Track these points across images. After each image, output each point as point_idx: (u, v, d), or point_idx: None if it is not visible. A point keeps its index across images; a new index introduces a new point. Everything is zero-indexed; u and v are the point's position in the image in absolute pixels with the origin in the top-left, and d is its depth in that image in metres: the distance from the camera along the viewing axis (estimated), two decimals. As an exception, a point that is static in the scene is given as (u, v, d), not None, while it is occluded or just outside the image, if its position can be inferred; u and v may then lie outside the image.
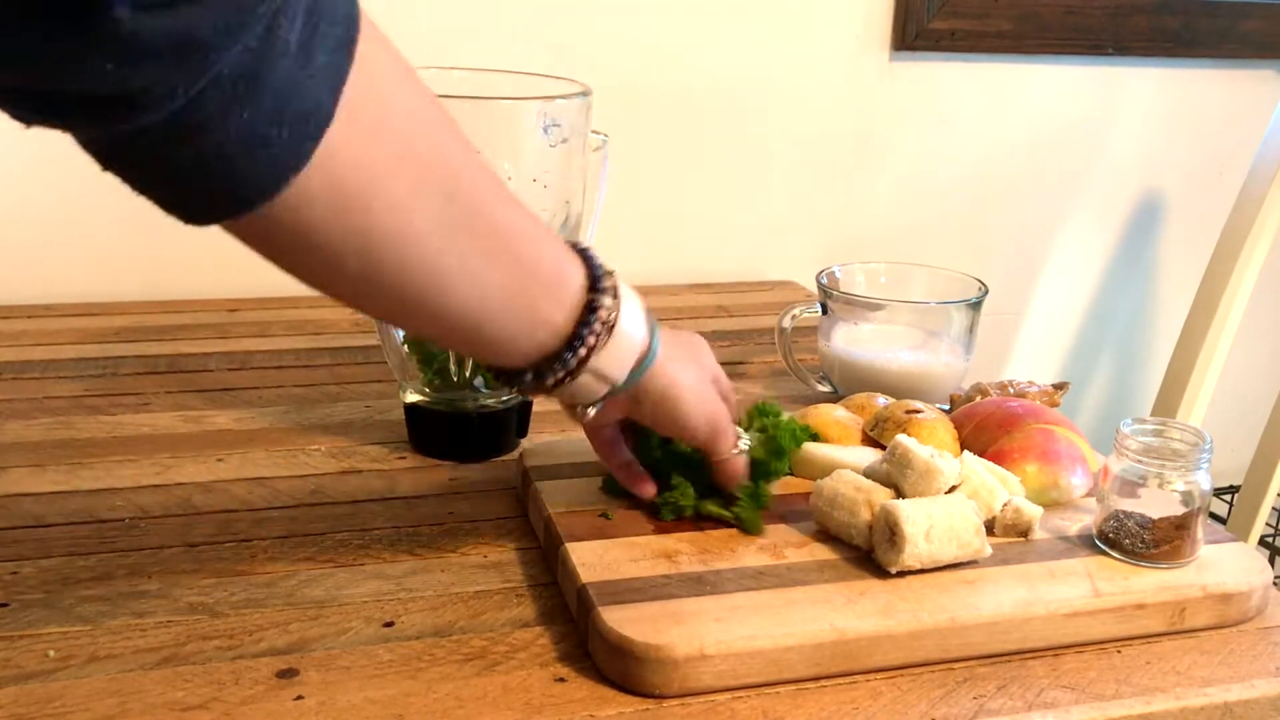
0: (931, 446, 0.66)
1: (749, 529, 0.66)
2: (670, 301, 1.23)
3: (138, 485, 0.75)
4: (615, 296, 0.57)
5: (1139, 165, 1.49)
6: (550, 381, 0.58)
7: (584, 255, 0.58)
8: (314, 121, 0.43)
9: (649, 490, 0.68)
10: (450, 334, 0.56)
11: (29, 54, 0.36)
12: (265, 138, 0.42)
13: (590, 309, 0.56)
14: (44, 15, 0.35)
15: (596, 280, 0.57)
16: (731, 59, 1.29)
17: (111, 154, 0.42)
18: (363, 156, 0.45)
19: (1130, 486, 0.64)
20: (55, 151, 1.24)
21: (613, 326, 0.57)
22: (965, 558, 0.62)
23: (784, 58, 1.31)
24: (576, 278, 0.57)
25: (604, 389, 0.60)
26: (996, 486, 0.66)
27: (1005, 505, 0.66)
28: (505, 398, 0.81)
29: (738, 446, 0.67)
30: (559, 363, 0.57)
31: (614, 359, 0.58)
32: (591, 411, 0.62)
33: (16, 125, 0.40)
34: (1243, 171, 1.26)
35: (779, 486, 0.70)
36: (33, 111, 0.39)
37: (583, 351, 0.56)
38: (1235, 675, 0.59)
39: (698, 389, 0.64)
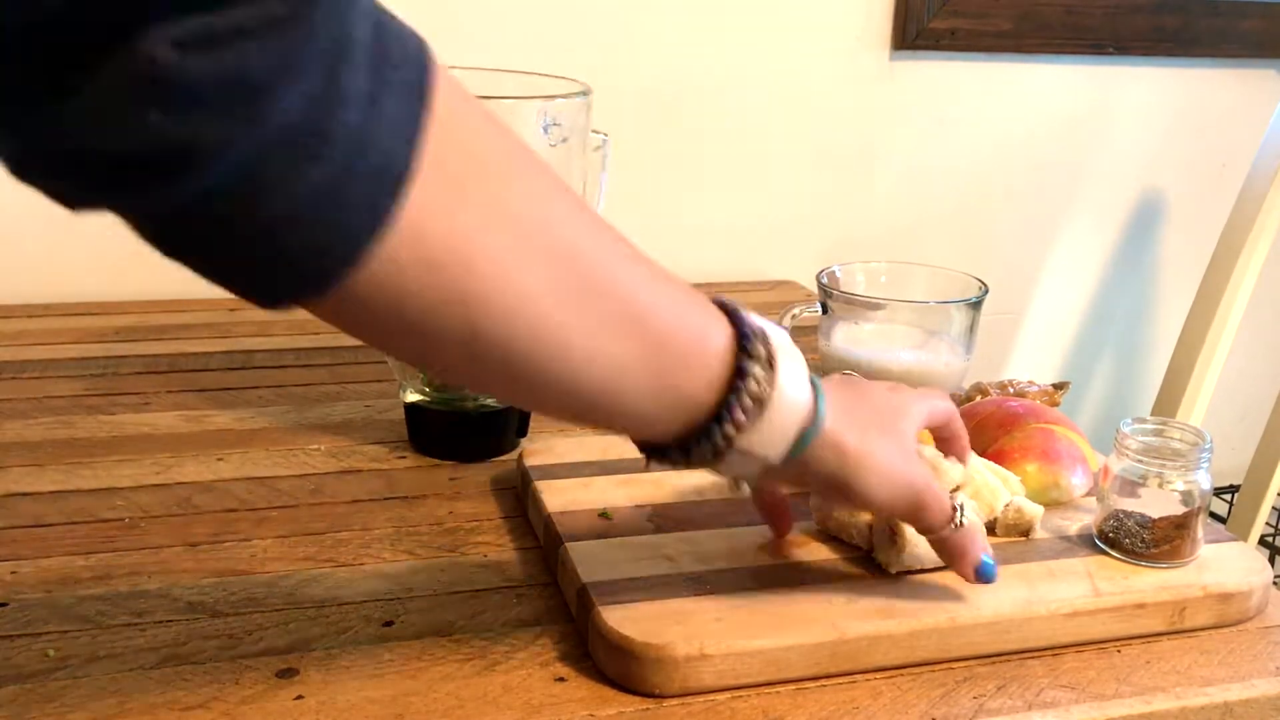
0: (934, 447, 0.66)
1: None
2: (670, 301, 1.23)
3: (138, 485, 0.75)
4: (769, 366, 0.50)
5: (1139, 165, 1.49)
6: (696, 459, 0.51)
7: (732, 315, 0.51)
8: (390, 176, 0.38)
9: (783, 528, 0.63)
10: (578, 412, 0.49)
11: (61, 106, 0.32)
12: (338, 198, 0.37)
13: (737, 379, 0.49)
14: (76, 58, 0.31)
15: (745, 345, 0.49)
16: (731, 58, 1.29)
17: (167, 230, 0.37)
18: (452, 216, 0.40)
19: (1130, 486, 0.64)
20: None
21: (765, 401, 0.49)
22: None
23: (784, 57, 1.31)
24: (720, 344, 0.49)
25: (756, 467, 0.52)
26: (999, 486, 0.66)
27: (1007, 505, 0.66)
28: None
29: (956, 520, 0.57)
30: (704, 439, 0.50)
31: (767, 436, 0.50)
32: (745, 488, 0.57)
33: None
34: (1243, 171, 1.26)
35: None
36: (76, 188, 0.36)
37: (730, 429, 0.49)
38: (1235, 675, 0.59)
39: (883, 459, 0.53)
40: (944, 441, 0.62)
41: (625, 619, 0.56)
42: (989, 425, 0.73)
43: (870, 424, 0.54)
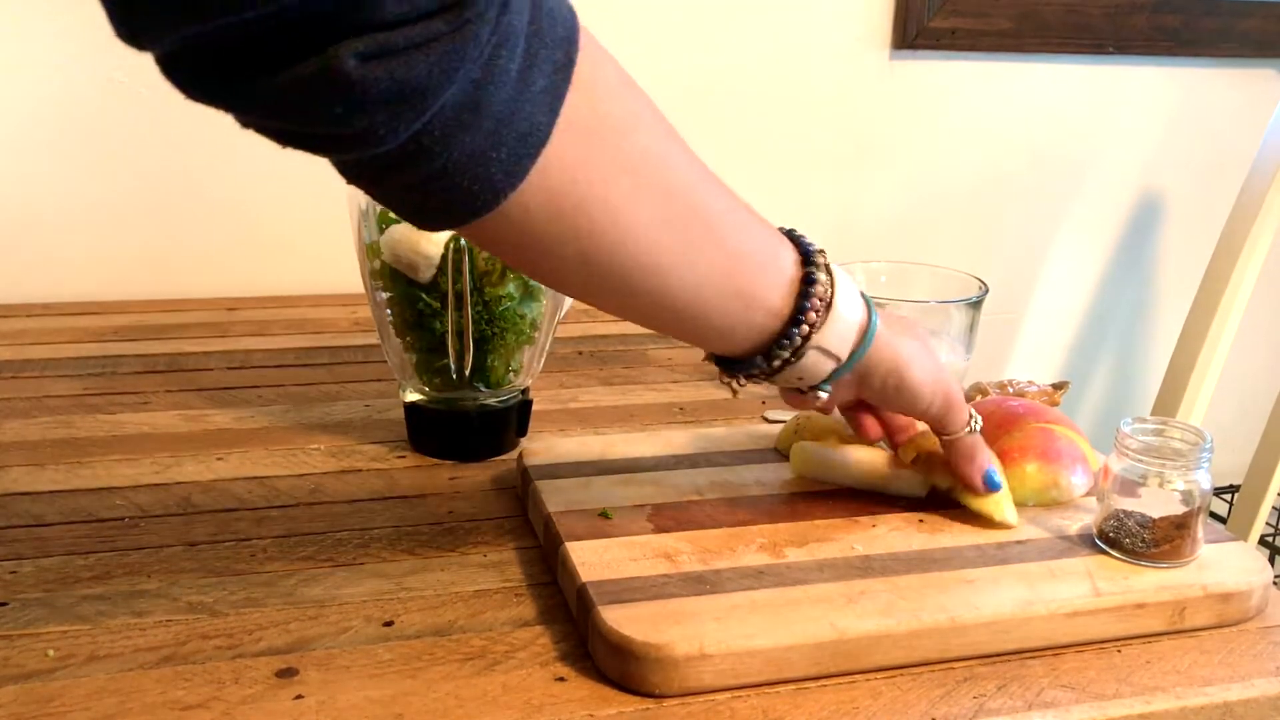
0: None
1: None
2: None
3: (138, 485, 0.75)
4: (829, 274, 0.59)
5: (1139, 165, 1.49)
6: (777, 363, 0.59)
7: (793, 237, 0.60)
8: (531, 141, 0.46)
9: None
10: (673, 323, 0.57)
11: (273, 99, 0.41)
12: (485, 159, 0.45)
13: (806, 286, 0.58)
14: (283, 63, 0.39)
15: (808, 258, 0.59)
16: (732, 58, 1.29)
17: (350, 174, 0.47)
18: (579, 169, 0.48)
19: (1130, 486, 0.64)
20: (55, 152, 1.24)
21: (830, 303, 0.58)
22: None
23: (784, 57, 1.31)
24: (789, 258, 0.58)
25: (830, 365, 0.60)
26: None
27: None
28: (505, 397, 0.81)
29: (971, 424, 0.66)
30: (784, 341, 0.58)
31: (836, 334, 0.59)
32: (823, 395, 0.62)
33: (16, 126, 0.40)
34: (1243, 171, 1.26)
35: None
36: (284, 143, 0.44)
37: (805, 328, 0.58)
38: (1235, 675, 0.59)
39: (924, 362, 0.63)
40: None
41: (625, 619, 0.56)
42: (989, 425, 0.73)
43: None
